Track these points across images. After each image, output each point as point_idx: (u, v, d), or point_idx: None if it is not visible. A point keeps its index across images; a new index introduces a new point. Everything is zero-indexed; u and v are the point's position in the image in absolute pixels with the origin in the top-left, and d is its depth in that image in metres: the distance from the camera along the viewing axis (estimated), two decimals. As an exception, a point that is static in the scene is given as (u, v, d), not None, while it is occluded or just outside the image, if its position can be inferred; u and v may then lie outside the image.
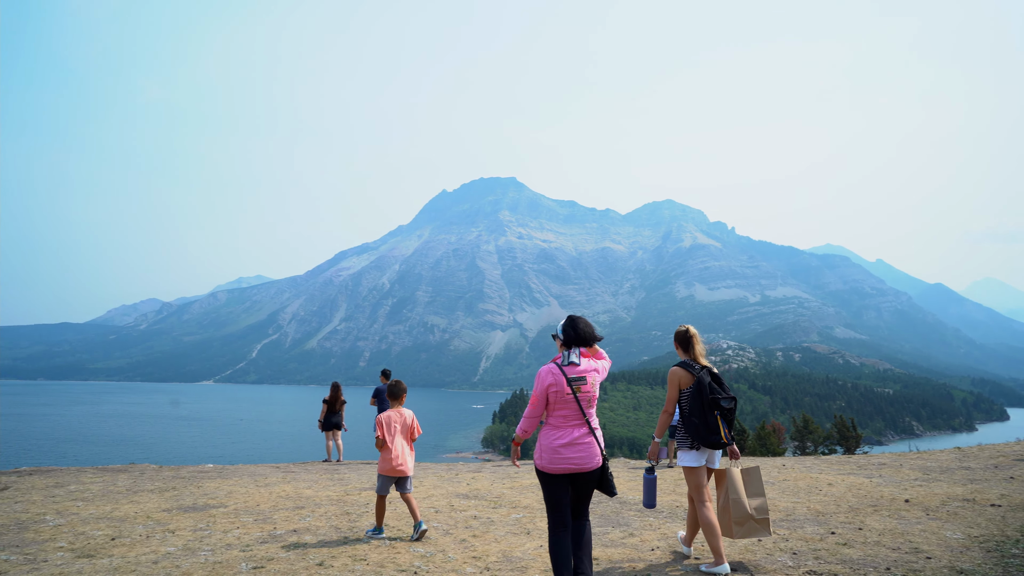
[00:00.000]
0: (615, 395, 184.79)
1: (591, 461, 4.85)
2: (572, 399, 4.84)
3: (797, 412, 34.11)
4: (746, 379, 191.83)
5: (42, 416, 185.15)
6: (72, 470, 12.46)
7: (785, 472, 12.09)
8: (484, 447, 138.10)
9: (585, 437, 4.85)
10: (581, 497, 4.99)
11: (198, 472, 12.48)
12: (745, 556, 6.06)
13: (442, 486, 10.77)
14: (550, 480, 4.91)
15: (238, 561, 6.08)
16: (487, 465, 14.77)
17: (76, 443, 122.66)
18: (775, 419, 63.47)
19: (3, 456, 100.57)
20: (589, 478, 4.91)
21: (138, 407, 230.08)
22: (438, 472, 12.82)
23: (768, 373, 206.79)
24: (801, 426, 32.15)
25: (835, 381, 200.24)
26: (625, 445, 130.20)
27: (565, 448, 4.81)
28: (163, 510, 8.58)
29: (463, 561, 6.09)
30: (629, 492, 10.02)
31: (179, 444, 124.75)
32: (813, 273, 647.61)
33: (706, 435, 5.59)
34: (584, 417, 4.89)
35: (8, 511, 8.39)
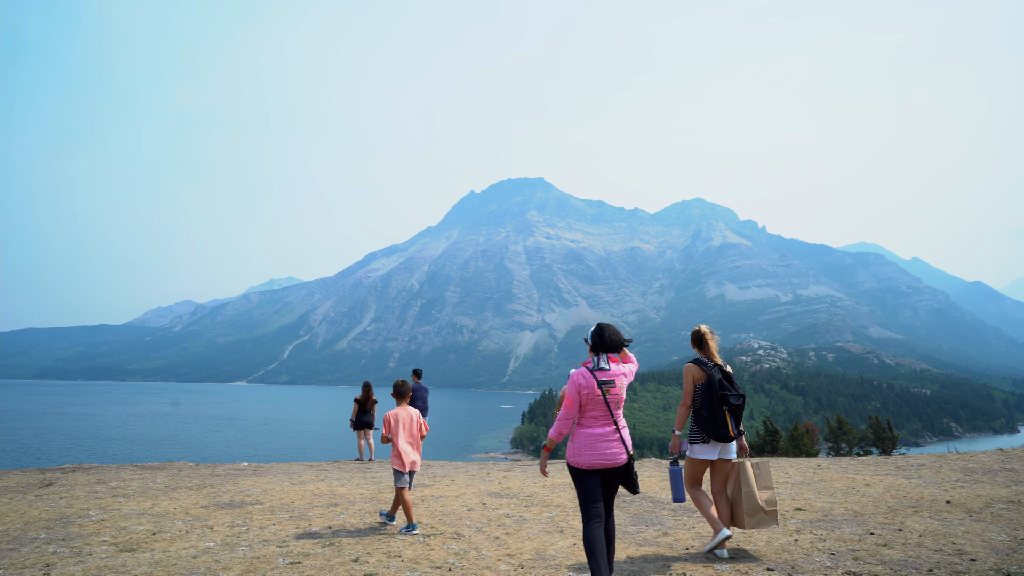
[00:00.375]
0: (644, 396, 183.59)
1: (618, 458, 5.18)
2: (602, 401, 5.18)
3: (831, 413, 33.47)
4: (778, 379, 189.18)
5: (83, 415, 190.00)
6: (113, 467, 12.75)
7: (820, 472, 11.90)
8: (513, 447, 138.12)
9: (613, 435, 5.18)
10: (607, 493, 5.30)
11: (234, 470, 12.68)
12: (782, 556, 5.98)
13: (474, 484, 10.80)
14: (582, 475, 5.22)
15: (275, 556, 6.16)
16: (518, 464, 14.78)
17: (115, 442, 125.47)
18: (808, 420, 62.51)
19: (48, 453, 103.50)
20: (616, 474, 5.24)
21: (173, 407, 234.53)
22: (469, 471, 12.86)
23: (800, 373, 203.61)
24: (835, 427, 31.57)
25: (870, 381, 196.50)
26: (655, 446, 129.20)
27: (595, 446, 5.15)
28: (201, 506, 8.74)
29: (497, 558, 6.10)
30: (662, 491, 9.96)
31: (214, 443, 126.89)
32: (846, 272, 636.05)
33: (714, 429, 6.04)
34: (612, 417, 5.22)
35: (53, 506, 8.61)
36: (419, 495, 9.74)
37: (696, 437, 6.19)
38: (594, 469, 5.18)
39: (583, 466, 5.17)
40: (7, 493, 9.61)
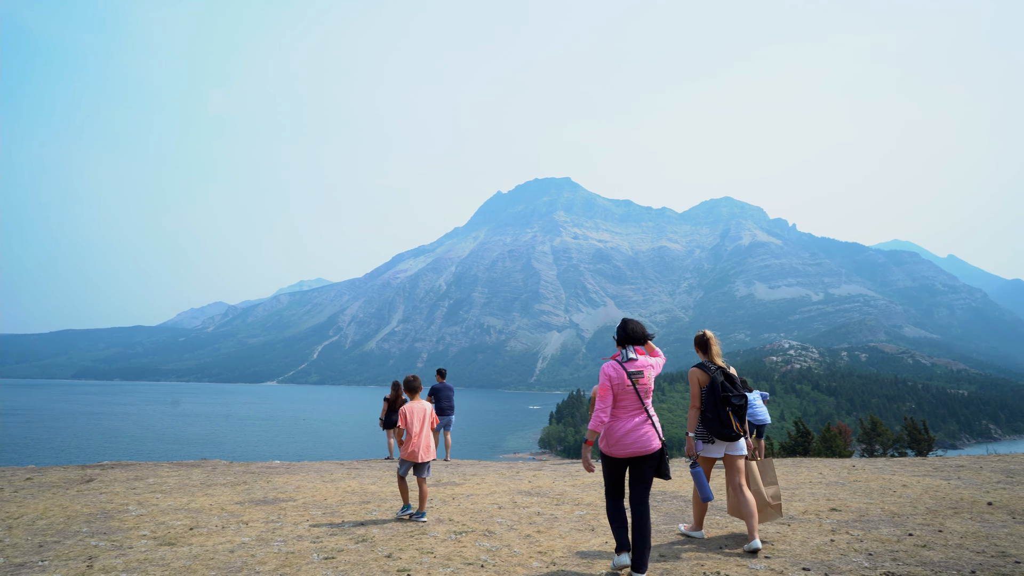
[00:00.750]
0: (673, 396, 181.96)
1: (650, 444, 5.53)
2: (632, 391, 5.56)
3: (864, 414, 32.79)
4: (809, 380, 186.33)
5: (121, 415, 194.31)
6: (150, 464, 13.00)
7: (855, 473, 11.71)
8: (541, 448, 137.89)
9: (644, 423, 5.55)
10: (642, 481, 5.58)
11: (267, 468, 12.85)
12: (818, 556, 5.90)
13: (504, 483, 10.82)
14: (612, 463, 5.63)
15: (309, 552, 6.24)
16: (547, 463, 14.77)
17: (151, 440, 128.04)
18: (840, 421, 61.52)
19: (86, 451, 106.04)
20: (649, 461, 5.57)
21: (207, 407, 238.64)
22: (499, 470, 12.88)
23: (832, 374, 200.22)
24: (869, 428, 30.99)
25: (904, 382, 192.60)
26: (684, 445, 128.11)
27: (628, 434, 5.51)
28: (236, 503, 8.88)
29: (529, 556, 6.11)
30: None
31: (247, 442, 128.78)
32: (880, 270, 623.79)
33: (719, 428, 6.33)
34: (643, 405, 5.59)
35: (94, 501, 8.82)
36: (449, 493, 9.79)
37: (702, 437, 6.52)
38: (627, 457, 5.55)
39: (617, 455, 5.54)
40: (50, 488, 9.86)
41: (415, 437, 8.01)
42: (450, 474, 12.14)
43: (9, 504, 8.59)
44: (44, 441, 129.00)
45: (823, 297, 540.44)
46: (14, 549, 6.34)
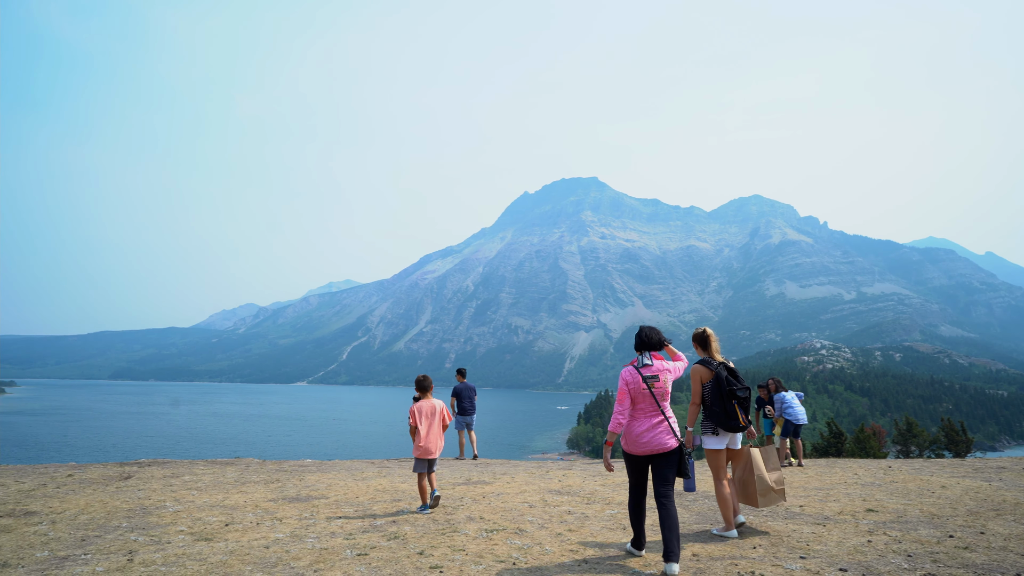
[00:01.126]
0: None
1: (667, 444, 5.91)
2: (648, 394, 5.97)
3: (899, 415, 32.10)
4: (842, 380, 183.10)
5: (157, 414, 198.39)
6: (185, 462, 13.24)
7: (892, 474, 11.50)
8: (569, 448, 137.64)
9: (660, 424, 5.93)
10: (664, 478, 5.93)
11: (299, 466, 13.01)
12: (855, 557, 5.81)
13: (534, 482, 10.82)
14: (633, 460, 6.06)
15: (343, 548, 6.31)
16: (577, 463, 14.74)
17: (185, 439, 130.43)
18: (874, 422, 60.39)
19: (123, 449, 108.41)
20: (668, 460, 5.93)
21: (239, 407, 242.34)
22: (528, 469, 12.88)
23: (866, 374, 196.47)
24: (904, 429, 30.35)
25: (941, 382, 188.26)
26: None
27: (645, 433, 5.92)
28: (269, 500, 9.00)
29: (560, 554, 6.11)
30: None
31: (279, 441, 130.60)
32: (914, 268, 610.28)
33: (726, 421, 6.61)
34: (659, 408, 5.98)
35: (133, 497, 9.02)
36: (480, 491, 9.82)
37: (708, 430, 6.80)
38: (646, 455, 5.95)
39: (636, 452, 5.98)
40: (91, 484, 10.10)
41: (425, 435, 8.36)
42: (480, 473, 12.17)
43: (52, 499, 8.82)
44: (84, 439, 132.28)
45: (855, 296, 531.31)
46: (58, 543, 6.51)
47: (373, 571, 5.55)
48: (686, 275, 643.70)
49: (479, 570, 5.57)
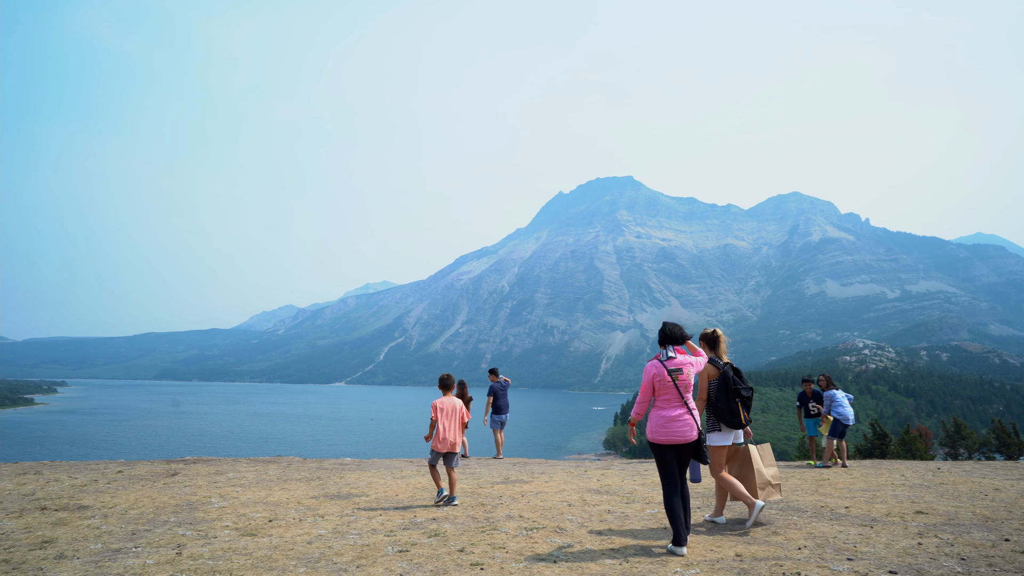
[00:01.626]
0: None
1: (690, 434, 6.31)
2: (672, 386, 6.36)
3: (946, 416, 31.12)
4: (886, 380, 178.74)
5: (201, 414, 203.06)
6: (229, 460, 13.52)
7: (941, 476, 11.20)
8: (606, 449, 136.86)
9: (684, 415, 6.33)
10: (680, 463, 6.42)
11: (339, 465, 13.18)
12: (905, 559, 5.67)
13: (572, 482, 10.79)
14: (660, 449, 6.38)
15: (384, 545, 6.37)
16: (615, 463, 14.66)
17: (227, 438, 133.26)
18: (920, 423, 58.79)
19: (169, 447, 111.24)
20: (688, 448, 6.39)
21: (279, 407, 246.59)
22: (566, 468, 12.85)
23: (911, 374, 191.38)
24: (952, 431, 29.50)
25: (991, 383, 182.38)
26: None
27: (670, 423, 6.31)
28: (311, 497, 9.14)
29: (601, 553, 6.08)
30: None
31: (319, 440, 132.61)
32: (961, 265, 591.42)
33: (730, 418, 7.06)
34: (683, 399, 6.37)
35: (180, 493, 9.24)
36: (518, 490, 9.83)
37: (713, 427, 7.21)
38: (669, 444, 6.32)
39: (660, 441, 6.34)
40: (139, 481, 10.38)
41: (444, 431, 8.82)
42: (518, 472, 12.19)
43: (104, 494, 9.10)
44: (131, 437, 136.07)
45: (900, 294, 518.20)
46: (110, 536, 6.72)
47: (415, 567, 5.60)
48: (723, 274, 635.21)
49: (520, 568, 5.58)
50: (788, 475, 11.73)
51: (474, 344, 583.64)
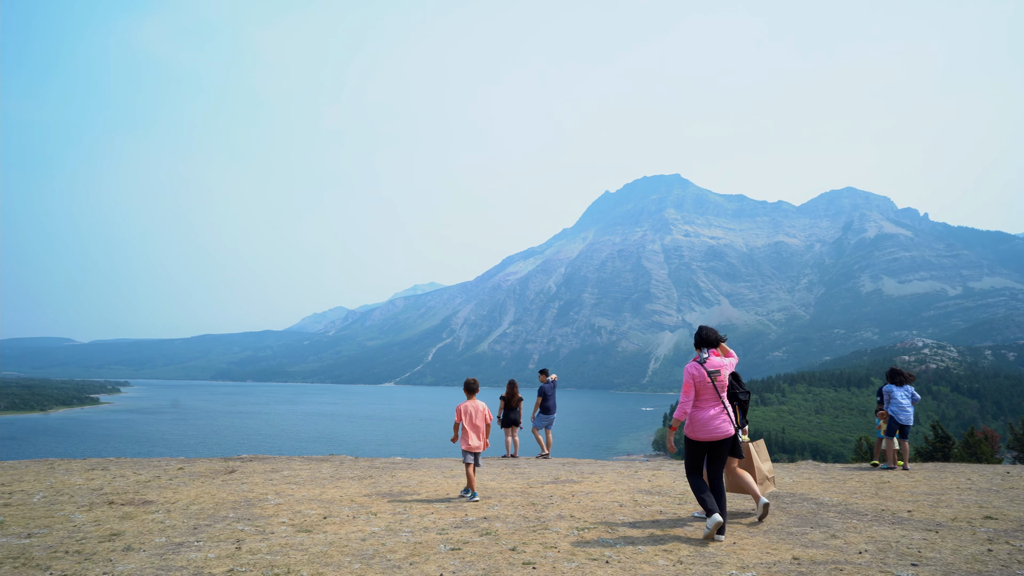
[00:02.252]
0: (794, 398, 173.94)
1: (727, 431, 6.83)
2: (711, 386, 6.86)
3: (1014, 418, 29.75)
4: (947, 381, 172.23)
5: (256, 414, 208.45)
6: (283, 458, 13.82)
7: (1010, 480, 10.76)
8: (655, 450, 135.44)
9: (721, 413, 6.84)
10: (719, 459, 6.92)
11: (390, 463, 13.35)
12: (974, 566, 5.45)
13: (623, 482, 10.71)
14: (695, 445, 6.94)
15: (436, 543, 6.43)
16: (666, 463, 14.48)
17: (280, 437, 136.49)
18: (986, 425, 56.52)
19: (225, 445, 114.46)
20: (725, 444, 6.89)
21: (330, 407, 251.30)
22: (616, 469, 12.76)
23: (975, 374, 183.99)
24: (1021, 433, 28.27)
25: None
26: (807, 450, 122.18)
27: (708, 422, 6.81)
28: (364, 495, 9.28)
29: (654, 553, 6.01)
30: (825, 493, 9.40)
31: (369, 439, 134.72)
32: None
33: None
34: (720, 398, 6.87)
35: (237, 490, 9.49)
36: (569, 490, 9.80)
37: None
38: (708, 440, 6.84)
39: (699, 438, 6.85)
40: (199, 478, 10.69)
41: (471, 431, 9.44)
42: (568, 472, 12.15)
43: (166, 490, 9.41)
44: (190, 436, 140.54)
45: (961, 291, 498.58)
46: (173, 530, 6.95)
47: (467, 565, 5.63)
48: (775, 272, 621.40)
49: (572, 567, 5.56)
50: (847, 477, 11.42)
51: (521, 344, 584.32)
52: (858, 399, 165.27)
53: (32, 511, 7.89)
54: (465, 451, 9.44)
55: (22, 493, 9.07)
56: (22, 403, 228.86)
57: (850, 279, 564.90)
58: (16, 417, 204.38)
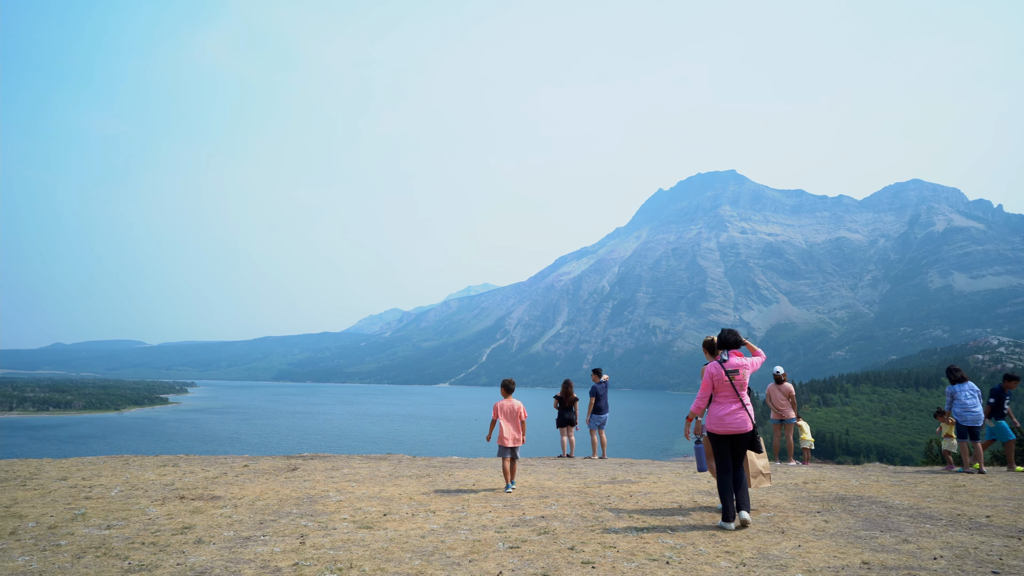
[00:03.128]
0: (858, 399, 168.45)
1: (745, 426, 7.34)
2: (729, 384, 7.40)
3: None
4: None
5: (316, 414, 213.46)
6: (343, 457, 14.10)
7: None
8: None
9: (739, 410, 7.35)
10: (739, 452, 7.43)
11: (447, 463, 13.47)
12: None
13: (681, 483, 10.55)
14: (717, 439, 7.46)
15: (495, 541, 6.45)
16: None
17: (339, 436, 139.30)
18: (1070, 426, 53.64)
19: (286, 444, 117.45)
20: (743, 439, 7.39)
21: (387, 407, 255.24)
22: (675, 469, 12.59)
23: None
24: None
25: None
26: (873, 453, 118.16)
27: (727, 417, 7.35)
28: (422, 493, 9.39)
29: (716, 555, 5.90)
30: (895, 497, 9.07)
31: (425, 439, 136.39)
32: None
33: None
34: (738, 396, 7.39)
35: (300, 487, 9.73)
36: (626, 490, 9.71)
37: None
38: (726, 435, 7.37)
39: (720, 432, 7.40)
40: (263, 474, 11.00)
41: (505, 428, 10.08)
42: (624, 472, 12.04)
43: (233, 486, 9.71)
44: (253, 434, 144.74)
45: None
46: (240, 524, 7.18)
47: (526, 563, 5.63)
48: (836, 269, 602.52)
49: (632, 568, 5.50)
50: (918, 480, 10.99)
51: (575, 345, 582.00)
52: (927, 400, 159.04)
53: (110, 504, 8.26)
54: (501, 447, 10.05)
55: (101, 487, 9.49)
56: (98, 403, 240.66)
57: (917, 275, 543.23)
58: (94, 416, 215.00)
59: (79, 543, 6.35)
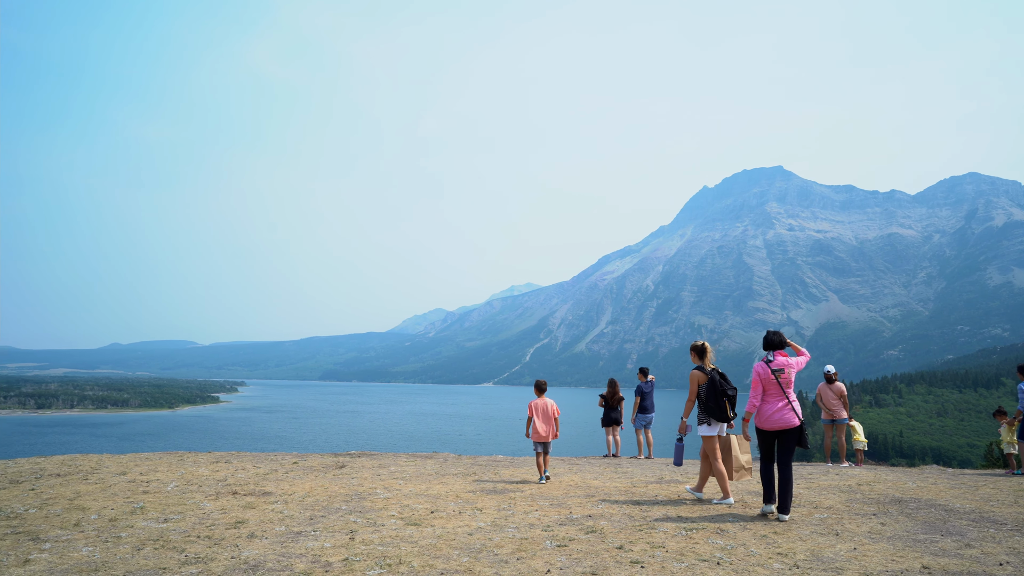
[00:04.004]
0: (913, 399, 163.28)
1: (791, 422, 7.67)
2: (776, 383, 7.79)
3: None
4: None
5: (364, 412, 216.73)
6: (390, 455, 14.27)
7: None
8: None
9: (785, 407, 7.71)
10: (787, 449, 7.74)
11: (492, 461, 13.52)
12: None
13: (731, 484, 10.37)
14: (764, 435, 7.87)
15: (542, 539, 6.44)
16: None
17: (385, 435, 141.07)
18: None
19: (336, 441, 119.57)
20: (791, 435, 7.72)
21: (432, 406, 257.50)
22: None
23: None
24: None
25: None
26: (929, 455, 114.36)
27: (775, 414, 7.71)
28: (468, 491, 9.43)
29: (768, 556, 5.78)
30: (955, 500, 8.78)
31: (470, 438, 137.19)
32: None
33: (719, 413, 8.68)
34: (784, 394, 7.76)
35: (348, 484, 9.88)
36: (674, 490, 9.62)
37: (703, 421, 8.85)
38: (773, 431, 7.77)
39: (768, 428, 7.79)
40: (312, 471, 11.20)
41: (540, 425, 10.93)
42: (672, 472, 11.92)
43: (283, 482, 9.92)
44: (302, 432, 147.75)
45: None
46: (292, 520, 7.33)
47: (574, 562, 5.61)
48: (888, 266, 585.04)
49: (682, 568, 5.43)
50: (979, 483, 10.61)
51: (619, 344, 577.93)
52: (987, 401, 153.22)
53: (167, 499, 8.52)
54: (535, 442, 10.92)
55: (157, 482, 9.80)
56: (153, 401, 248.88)
57: (975, 272, 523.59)
58: (149, 414, 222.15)
59: (138, 535, 6.58)
